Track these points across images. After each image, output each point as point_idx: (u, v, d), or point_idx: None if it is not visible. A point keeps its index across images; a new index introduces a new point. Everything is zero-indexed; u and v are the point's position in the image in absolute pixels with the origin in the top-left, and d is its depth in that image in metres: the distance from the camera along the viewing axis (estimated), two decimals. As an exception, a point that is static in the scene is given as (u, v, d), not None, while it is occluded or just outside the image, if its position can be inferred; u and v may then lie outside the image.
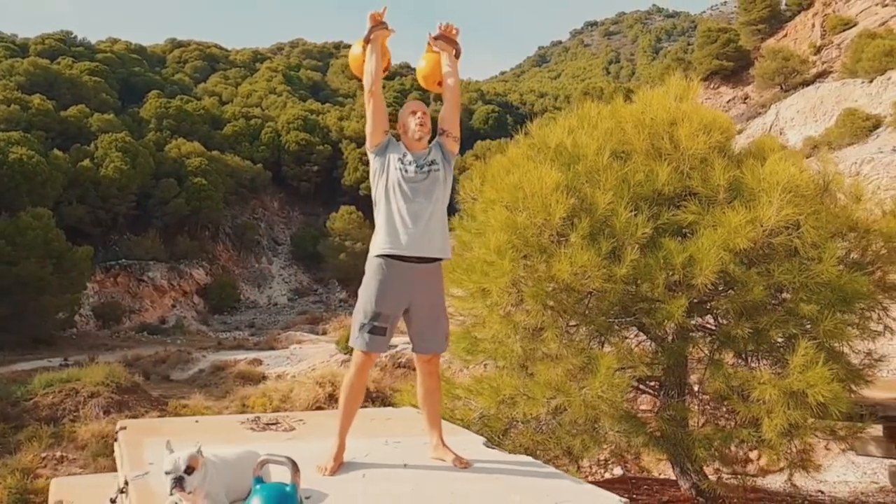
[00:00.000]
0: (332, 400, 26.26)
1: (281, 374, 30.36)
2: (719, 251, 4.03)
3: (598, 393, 4.03)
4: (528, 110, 74.14)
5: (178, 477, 2.58)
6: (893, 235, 4.52)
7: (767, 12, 41.56)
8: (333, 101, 68.18)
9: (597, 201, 4.29)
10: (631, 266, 4.14)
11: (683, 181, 4.55)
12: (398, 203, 3.31)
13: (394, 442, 3.85)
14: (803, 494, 5.90)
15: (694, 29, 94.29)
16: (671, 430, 4.46)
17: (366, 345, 3.28)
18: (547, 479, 3.34)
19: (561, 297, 4.27)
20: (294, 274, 53.65)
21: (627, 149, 4.80)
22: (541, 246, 4.34)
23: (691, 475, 4.91)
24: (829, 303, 4.17)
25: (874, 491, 6.43)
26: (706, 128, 4.58)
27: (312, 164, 55.26)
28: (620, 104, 5.11)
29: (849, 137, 26.27)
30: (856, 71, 30.04)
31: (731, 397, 4.32)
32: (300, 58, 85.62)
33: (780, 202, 4.05)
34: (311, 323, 42.77)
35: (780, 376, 4.10)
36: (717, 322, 4.67)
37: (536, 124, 5.20)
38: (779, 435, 4.02)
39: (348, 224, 49.31)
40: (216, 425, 4.54)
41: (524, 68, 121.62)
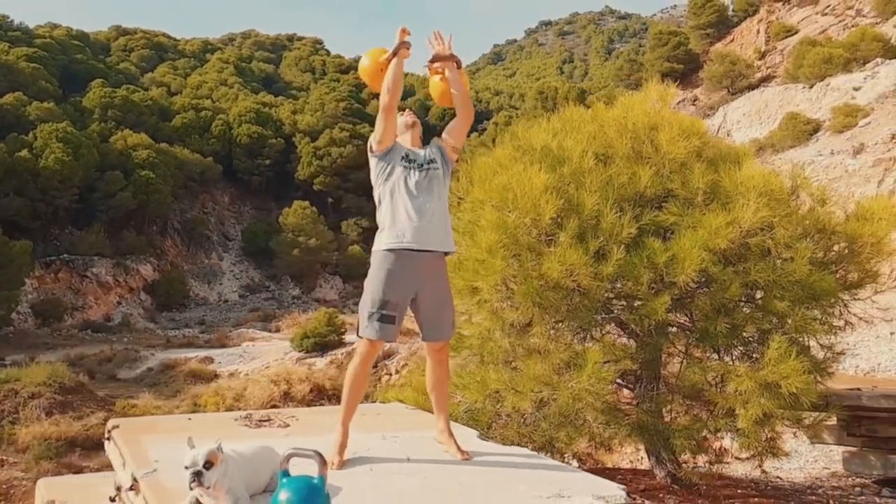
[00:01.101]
0: (288, 398, 26.04)
1: (233, 372, 29.92)
2: (700, 251, 4.27)
3: (586, 386, 4.21)
4: (484, 108, 74.58)
5: (196, 472, 2.63)
6: (856, 237, 4.85)
7: (715, 17, 42.89)
8: (287, 94, 67.28)
9: (583, 202, 4.47)
10: (617, 265, 4.34)
11: (664, 184, 4.78)
12: (403, 199, 3.44)
13: (391, 437, 3.95)
14: (765, 480, 6.24)
15: (645, 31, 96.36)
16: (650, 420, 4.68)
17: (376, 333, 3.36)
18: (547, 469, 3.49)
19: (548, 295, 4.43)
20: (245, 270, 52.76)
21: (610, 152, 5.00)
22: (530, 245, 4.50)
23: (666, 464, 5.15)
24: (799, 300, 4.46)
25: (827, 476, 6.83)
26: (684, 133, 4.82)
27: (265, 157, 54.40)
28: (602, 109, 5.31)
29: (791, 140, 27.37)
30: (797, 76, 31.28)
31: (708, 389, 4.56)
32: (252, 49, 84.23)
33: (757, 205, 4.31)
34: (264, 320, 42.19)
35: (754, 369, 4.35)
36: (692, 319, 4.91)
37: (520, 126, 5.34)
38: (753, 424, 4.28)
39: (301, 219, 48.74)
40: (210, 423, 4.56)
41: (479, 66, 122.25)
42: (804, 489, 6.12)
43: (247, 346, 35.83)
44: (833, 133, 26.29)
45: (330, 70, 75.93)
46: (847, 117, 25.85)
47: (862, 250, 4.88)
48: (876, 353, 16.05)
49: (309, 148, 53.52)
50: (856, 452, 6.27)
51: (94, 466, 15.02)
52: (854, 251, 4.89)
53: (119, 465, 3.53)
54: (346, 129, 54.58)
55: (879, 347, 16.29)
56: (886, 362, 15.69)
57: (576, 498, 2.98)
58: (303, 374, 28.74)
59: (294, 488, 2.53)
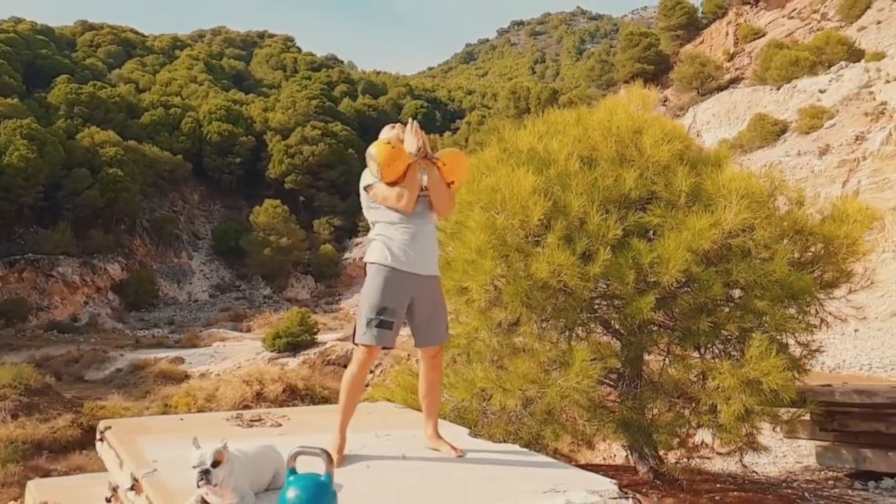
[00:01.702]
0: (261, 398, 25.84)
1: (205, 372, 29.59)
2: (684, 252, 4.38)
3: (573, 384, 4.30)
4: (456, 107, 74.70)
5: (204, 470, 2.65)
6: (831, 238, 5.02)
7: (685, 19, 43.54)
8: (257, 92, 66.61)
9: (570, 204, 4.56)
10: (603, 265, 4.43)
11: (648, 186, 4.89)
12: (397, 227, 3.49)
13: (384, 435, 3.99)
14: (742, 475, 6.41)
15: (616, 32, 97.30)
16: (634, 417, 4.79)
17: (374, 339, 3.41)
18: (539, 465, 3.56)
19: (535, 295, 4.51)
20: (216, 269, 52.16)
21: (594, 155, 5.10)
22: (518, 246, 4.57)
23: (649, 460, 5.27)
24: (778, 299, 4.60)
25: (800, 470, 7.03)
26: (667, 136, 4.93)
27: (235, 155, 53.81)
28: (586, 112, 5.41)
29: (759, 141, 27.95)
30: (765, 78, 31.95)
31: (690, 386, 4.68)
32: (222, 46, 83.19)
33: (738, 207, 4.44)
34: (235, 320, 41.79)
35: (736, 366, 4.49)
36: (674, 318, 5.03)
37: (507, 129, 5.42)
38: (734, 420, 4.41)
39: (273, 218, 48.35)
40: (202, 423, 4.55)
41: (452, 65, 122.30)
42: (779, 483, 6.31)
43: (218, 346, 35.47)
44: (800, 134, 26.92)
45: (301, 68, 75.37)
46: (813, 119, 26.49)
47: (837, 251, 5.06)
48: (841, 351, 16.51)
49: (280, 146, 53.08)
50: (828, 447, 6.46)
51: (62, 469, 14.76)
52: (830, 252, 5.07)
53: (115, 466, 3.52)
54: (317, 127, 54.25)
55: (844, 345, 16.76)
56: (851, 359, 16.13)
57: (570, 492, 3.06)
58: (275, 374, 28.53)
59: (302, 485, 2.56)
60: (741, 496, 5.32)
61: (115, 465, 3.53)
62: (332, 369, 30.02)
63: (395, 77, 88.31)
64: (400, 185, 3.42)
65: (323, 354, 30.73)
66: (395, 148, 3.41)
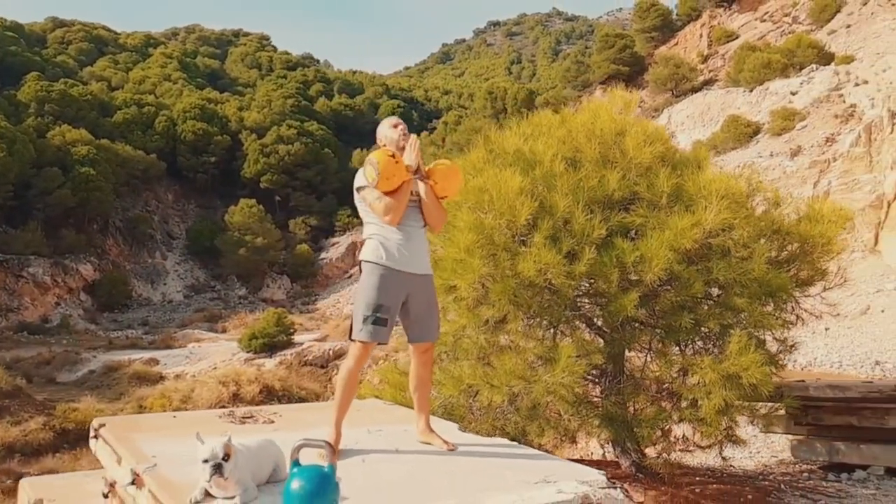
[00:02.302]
0: (237, 399, 25.71)
1: (180, 373, 29.32)
2: (666, 251, 4.51)
3: (560, 379, 4.41)
4: (433, 107, 74.73)
5: (216, 464, 2.72)
6: (807, 237, 5.19)
7: (660, 21, 44.05)
8: (232, 91, 66.03)
9: (556, 204, 4.67)
10: (588, 264, 4.55)
11: (631, 187, 5.01)
12: (392, 228, 3.58)
13: (376, 430, 4.06)
14: (720, 468, 6.58)
15: (591, 33, 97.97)
16: (618, 412, 4.92)
17: (370, 335, 3.49)
18: (530, 457, 3.66)
19: (522, 293, 4.61)
20: (190, 270, 51.60)
21: (578, 156, 5.21)
22: (506, 245, 4.67)
23: (631, 454, 5.40)
24: (757, 296, 4.76)
25: (776, 463, 7.23)
26: (649, 139, 5.07)
27: (210, 154, 53.28)
28: (570, 114, 5.52)
29: (732, 142, 28.41)
30: (738, 80, 32.46)
31: (672, 381, 4.82)
32: (197, 44, 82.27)
33: (719, 207, 4.58)
34: (210, 321, 41.43)
35: (717, 361, 4.63)
36: (655, 315, 5.17)
37: (492, 130, 5.51)
38: (715, 413, 4.56)
39: (248, 218, 47.97)
40: (195, 420, 4.58)
41: (428, 64, 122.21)
42: (756, 476, 6.49)
43: (193, 346, 35.13)
44: (772, 136, 27.41)
45: (277, 67, 74.87)
46: (785, 121, 26.99)
47: (813, 250, 5.23)
48: (812, 349, 16.89)
49: (256, 145, 52.69)
50: (803, 440, 6.67)
51: (34, 472, 14.57)
52: (805, 251, 5.24)
53: (112, 462, 3.55)
54: (293, 126, 53.94)
55: (815, 343, 17.16)
56: (822, 357, 16.54)
57: (561, 483, 3.16)
58: (252, 375, 28.38)
59: (307, 477, 2.64)
60: (720, 488, 5.48)
61: (112, 462, 3.56)
62: (310, 370, 29.93)
63: (371, 76, 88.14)
64: (391, 197, 3.50)
65: (300, 355, 30.60)
66: (398, 163, 3.47)
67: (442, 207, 3.68)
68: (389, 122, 3.84)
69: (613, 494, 3.14)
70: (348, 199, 20.89)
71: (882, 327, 19.42)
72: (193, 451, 3.50)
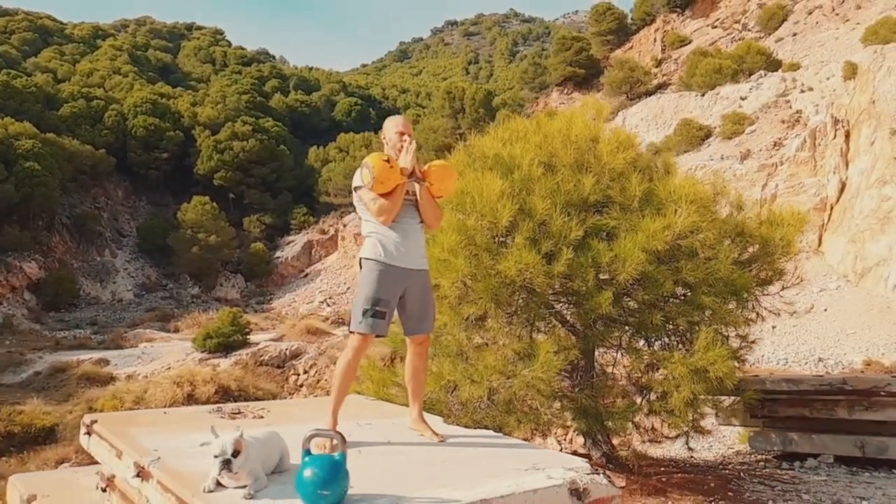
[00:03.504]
0: (192, 400, 25.32)
1: (132, 374, 28.69)
2: (639, 252, 4.76)
3: (538, 374, 4.61)
4: (391, 105, 74.51)
5: (225, 460, 2.82)
6: (769, 239, 5.52)
7: (616, 24, 44.92)
8: (185, 86, 64.71)
9: (535, 207, 4.87)
10: (566, 264, 4.76)
11: (604, 191, 5.25)
12: (390, 226, 3.71)
13: (365, 424, 4.19)
14: (682, 459, 6.90)
15: (548, 35, 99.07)
16: (591, 405, 5.15)
17: (369, 328, 3.64)
18: (517, 447, 3.85)
19: (502, 291, 4.80)
20: (141, 268, 50.42)
21: (554, 161, 5.43)
22: (487, 246, 4.85)
23: (602, 445, 5.65)
24: (722, 295, 5.05)
25: (732, 454, 7.61)
26: (622, 145, 5.32)
27: (162, 150, 52.12)
28: (545, 120, 5.74)
29: (685, 145, 29.24)
30: (691, 85, 33.40)
31: (642, 376, 5.07)
32: (148, 37, 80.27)
33: (688, 211, 4.85)
34: (162, 320, 40.58)
35: (686, 356, 4.90)
36: (625, 313, 5.42)
37: (474, 134, 5.68)
38: (684, 406, 4.83)
39: (201, 215, 47.13)
40: (186, 416, 4.64)
41: (386, 63, 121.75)
42: (716, 465, 6.83)
43: (145, 346, 34.39)
44: (723, 139, 28.32)
45: (231, 62, 73.69)
46: (735, 125, 27.92)
47: (774, 251, 5.57)
48: (760, 346, 17.56)
49: (209, 141, 51.77)
50: (759, 431, 7.04)
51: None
52: (767, 252, 5.57)
53: (110, 457, 3.60)
54: (248, 122, 53.21)
55: (763, 341, 17.84)
56: (769, 354, 17.26)
57: (550, 470, 3.35)
58: (207, 375, 27.95)
59: (319, 464, 2.76)
60: (684, 477, 5.77)
61: (109, 456, 3.61)
62: (266, 370, 29.63)
63: (328, 73, 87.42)
64: (386, 199, 3.63)
65: (255, 355, 30.30)
66: (392, 167, 3.60)
67: (437, 206, 3.83)
68: (396, 125, 3.88)
69: (598, 480, 3.35)
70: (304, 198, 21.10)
71: (824, 325, 20.36)
72: (193, 445, 3.60)
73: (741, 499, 5.27)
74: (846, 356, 18.00)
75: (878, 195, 22.13)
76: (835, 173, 24.70)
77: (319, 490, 2.73)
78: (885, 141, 22.46)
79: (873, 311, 20.29)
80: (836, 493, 5.54)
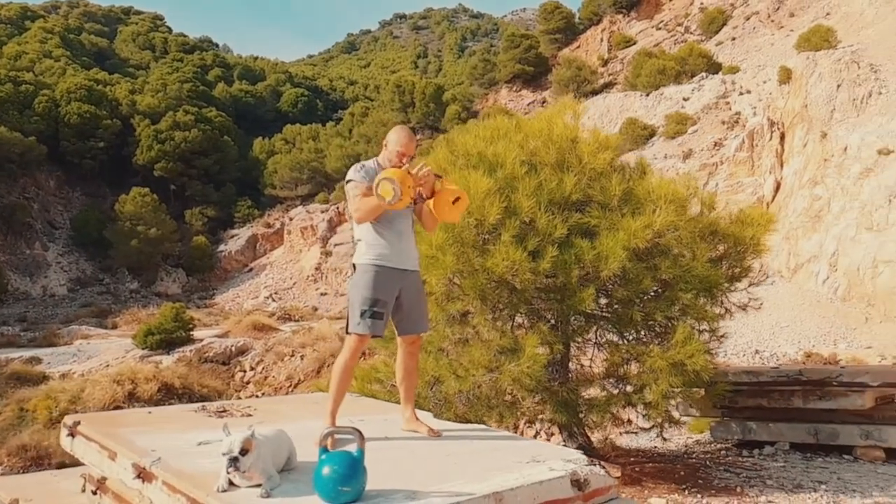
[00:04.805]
0: (133, 399, 24.58)
1: (66, 373, 27.65)
2: (621, 250, 4.91)
3: (524, 369, 4.71)
4: (338, 97, 73.70)
5: (233, 458, 2.80)
6: (740, 238, 5.77)
7: (563, 23, 45.56)
8: (123, 72, 62.45)
9: (520, 205, 4.96)
10: (551, 261, 4.87)
11: (585, 190, 5.39)
12: (384, 225, 3.77)
13: (357, 421, 4.20)
14: (649, 450, 7.14)
15: (497, 31, 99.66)
16: (571, 398, 5.29)
17: (368, 328, 3.67)
18: (512, 440, 3.95)
19: (487, 288, 4.87)
20: (75, 262, 48.52)
21: (535, 160, 5.54)
22: (474, 244, 4.92)
23: (578, 437, 5.81)
24: (697, 291, 5.26)
25: (693, 444, 7.91)
26: (601, 146, 5.46)
27: (98, 139, 50.12)
28: (525, 120, 5.84)
29: (630, 144, 29.93)
30: (636, 85, 34.20)
31: (618, 369, 5.24)
32: (82, 20, 77.07)
33: (667, 210, 5.03)
34: (99, 316, 39.15)
35: (664, 350, 5.08)
36: (602, 309, 5.58)
37: (455, 131, 5.73)
38: (661, 398, 5.01)
39: (141, 207, 45.65)
40: (171, 416, 4.56)
41: (333, 54, 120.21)
42: (681, 455, 7.10)
43: (80, 344, 33.16)
44: (666, 138, 29.15)
45: (172, 49, 71.50)
46: (678, 125, 28.76)
47: (745, 250, 5.83)
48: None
49: (149, 131, 50.12)
50: (720, 421, 7.35)
51: None
52: (737, 250, 5.82)
53: (101, 459, 3.51)
54: (191, 112, 51.74)
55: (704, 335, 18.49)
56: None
57: (550, 462, 3.46)
58: (149, 372, 27.19)
59: (338, 461, 2.78)
60: (656, 467, 5.99)
61: (100, 458, 3.52)
62: (211, 367, 28.99)
63: (273, 63, 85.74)
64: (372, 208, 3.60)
65: (200, 352, 29.64)
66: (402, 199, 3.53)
67: (436, 222, 3.91)
68: (399, 142, 3.78)
69: (596, 471, 3.47)
70: (248, 190, 20.70)
71: (760, 319, 21.23)
72: (190, 445, 3.55)
73: (711, 486, 5.51)
74: (780, 348, 18.80)
75: (810, 195, 23.15)
76: (771, 173, 25.73)
77: (340, 487, 2.75)
78: (816, 143, 23.51)
79: (805, 306, 21.24)
80: (795, 477, 5.85)
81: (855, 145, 20.58)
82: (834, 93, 23.32)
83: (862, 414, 6.57)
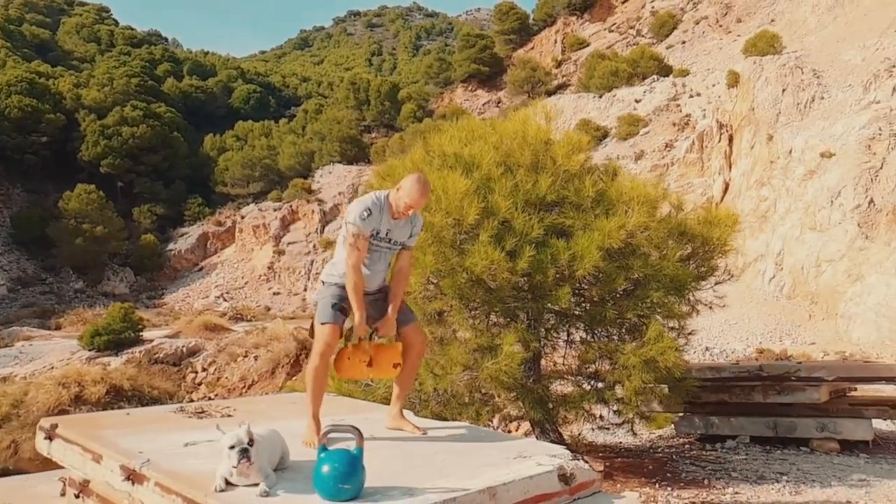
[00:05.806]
0: (80, 402, 23.85)
1: (7, 376, 26.69)
2: (596, 250, 5.02)
3: (502, 367, 4.79)
4: (291, 94, 72.73)
5: (243, 448, 2.80)
6: (708, 238, 5.96)
7: (518, 24, 46.01)
8: (66, 65, 60.38)
9: (498, 205, 5.03)
10: (528, 261, 4.96)
11: (560, 191, 5.49)
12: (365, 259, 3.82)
13: (340, 420, 4.19)
14: (615, 445, 7.31)
15: (451, 31, 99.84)
16: (546, 394, 5.39)
17: (333, 318, 3.74)
18: (496, 438, 4.01)
19: (465, 287, 4.93)
20: (16, 261, 46.77)
21: (510, 161, 5.61)
22: (452, 243, 4.96)
23: (550, 433, 5.91)
24: (667, 290, 5.41)
25: (656, 438, 8.12)
26: (574, 148, 5.57)
27: (41, 134, 48.40)
28: (500, 122, 5.91)
29: (584, 145, 30.40)
30: (589, 86, 34.79)
31: (590, 365, 5.36)
32: (22, 10, 74.18)
33: (640, 211, 5.17)
34: (41, 317, 37.84)
35: (637, 347, 5.23)
36: (575, 307, 5.70)
37: (432, 132, 5.77)
38: (634, 394, 5.15)
39: (86, 205, 44.26)
40: (151, 417, 4.48)
41: (286, 50, 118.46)
42: (647, 449, 7.29)
43: (22, 345, 31.97)
44: (619, 140, 29.73)
45: (119, 42, 69.46)
46: (630, 126, 29.36)
47: (713, 249, 6.02)
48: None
49: (95, 126, 48.63)
50: (684, 416, 7.57)
51: None
52: (705, 250, 6.01)
53: (84, 462, 3.44)
54: (139, 107, 50.43)
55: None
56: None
57: (536, 457, 3.53)
58: (97, 374, 26.41)
59: (338, 459, 2.79)
60: (625, 461, 6.15)
61: (84, 461, 3.45)
62: (161, 368, 28.33)
63: (224, 59, 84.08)
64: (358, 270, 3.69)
65: (149, 353, 28.95)
66: None
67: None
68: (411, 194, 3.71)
69: (581, 465, 3.56)
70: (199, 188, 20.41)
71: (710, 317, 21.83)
72: (175, 446, 3.51)
73: (680, 479, 5.69)
74: (729, 345, 19.38)
75: (757, 196, 23.92)
76: (719, 174, 26.49)
77: (340, 484, 2.76)
78: (762, 145, 24.31)
79: (752, 304, 21.92)
80: (758, 469, 6.09)
81: (799, 148, 21.35)
82: (779, 97, 24.13)
83: (818, 407, 6.86)
